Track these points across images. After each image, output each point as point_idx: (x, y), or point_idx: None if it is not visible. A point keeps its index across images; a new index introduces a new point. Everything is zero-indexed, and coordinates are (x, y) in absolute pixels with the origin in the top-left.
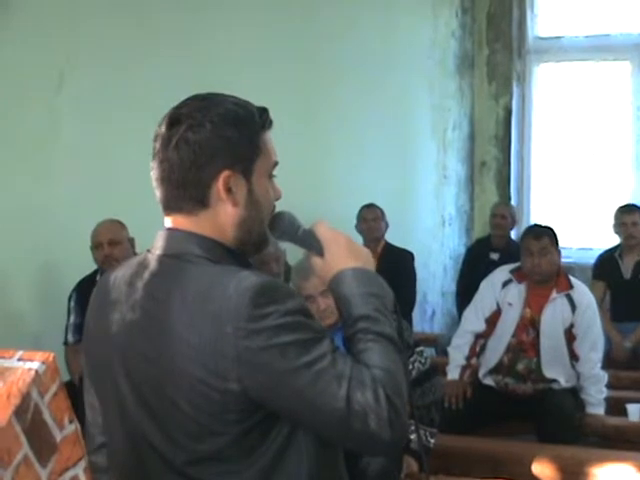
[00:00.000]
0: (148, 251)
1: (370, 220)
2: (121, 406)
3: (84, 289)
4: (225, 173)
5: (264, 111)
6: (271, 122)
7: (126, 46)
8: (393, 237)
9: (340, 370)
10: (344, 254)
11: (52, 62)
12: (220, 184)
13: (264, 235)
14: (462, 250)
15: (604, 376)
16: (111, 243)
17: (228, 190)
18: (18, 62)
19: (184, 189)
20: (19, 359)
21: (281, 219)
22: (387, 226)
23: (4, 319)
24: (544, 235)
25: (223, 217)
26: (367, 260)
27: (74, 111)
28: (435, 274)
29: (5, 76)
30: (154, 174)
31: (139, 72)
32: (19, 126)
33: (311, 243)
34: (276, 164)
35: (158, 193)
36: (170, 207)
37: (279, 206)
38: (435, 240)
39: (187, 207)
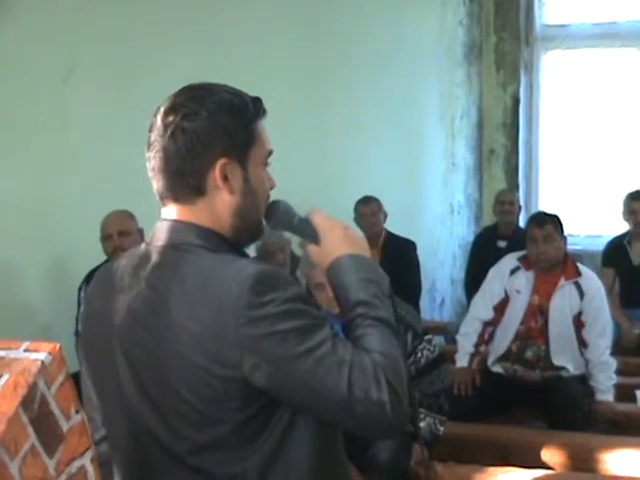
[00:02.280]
0: (148, 243)
1: (368, 215)
2: (122, 397)
3: None
4: (221, 161)
5: (258, 100)
6: (265, 111)
7: (135, 38)
8: (402, 225)
9: (341, 356)
10: (340, 241)
11: (61, 54)
12: (217, 172)
13: (260, 223)
14: (471, 238)
15: (613, 363)
16: (120, 234)
17: (224, 178)
18: (26, 53)
19: (181, 177)
20: (25, 350)
21: (276, 208)
22: (386, 215)
23: (16, 310)
24: (548, 222)
25: (220, 205)
26: (363, 247)
27: (83, 103)
28: (444, 262)
29: (14, 67)
30: (150, 164)
31: (147, 64)
32: (28, 119)
33: (307, 231)
34: (271, 152)
35: (155, 183)
36: (167, 196)
37: (286, 196)
38: (444, 228)
39: (184, 196)
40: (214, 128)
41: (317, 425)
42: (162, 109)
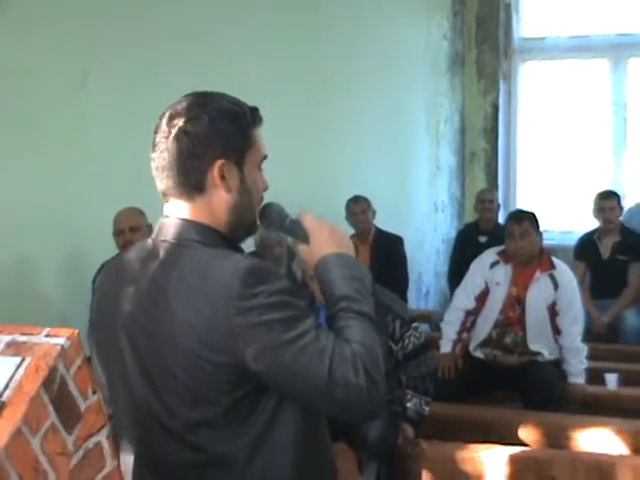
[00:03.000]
0: (152, 238)
1: (359, 213)
2: (126, 378)
3: None
4: (220, 162)
5: (255, 110)
6: (261, 119)
7: (145, 46)
8: (391, 222)
9: (323, 345)
10: (327, 241)
11: (76, 61)
12: (215, 171)
13: (254, 220)
14: (454, 234)
15: (584, 348)
16: (132, 229)
17: (222, 177)
18: (43, 61)
19: (183, 176)
20: (46, 335)
21: (270, 210)
22: (375, 213)
23: (35, 299)
24: (525, 219)
25: (217, 202)
26: (348, 247)
27: (97, 108)
28: (429, 256)
29: (32, 75)
30: (155, 163)
31: (156, 71)
32: (46, 123)
33: (297, 232)
34: (265, 157)
35: (158, 181)
36: (170, 193)
37: (286, 196)
38: (429, 225)
39: (185, 193)
40: (214, 132)
41: (302, 410)
42: (167, 114)
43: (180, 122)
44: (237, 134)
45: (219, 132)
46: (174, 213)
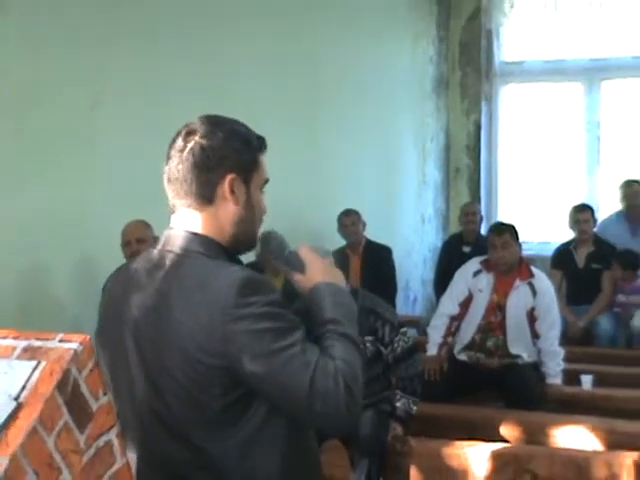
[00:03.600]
0: (158, 248)
1: (349, 225)
2: (130, 379)
3: None
4: (231, 176)
5: (261, 138)
6: (266, 147)
7: (153, 71)
8: (380, 233)
9: (308, 358)
10: (320, 272)
11: (88, 85)
12: (226, 185)
13: (254, 235)
14: (440, 244)
15: (561, 351)
16: (138, 241)
17: (232, 191)
18: (58, 84)
19: (195, 187)
20: (60, 340)
21: (271, 239)
22: (365, 225)
23: (49, 306)
24: (505, 231)
25: (224, 214)
26: (338, 278)
27: (108, 128)
28: (416, 265)
29: (47, 98)
30: (167, 175)
31: (164, 94)
32: (61, 141)
33: (295, 262)
34: (267, 181)
35: (170, 192)
36: (180, 204)
37: (289, 210)
38: (416, 236)
39: (195, 203)
40: (227, 148)
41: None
42: (184, 131)
43: (196, 137)
44: (247, 154)
45: (231, 149)
46: (180, 225)
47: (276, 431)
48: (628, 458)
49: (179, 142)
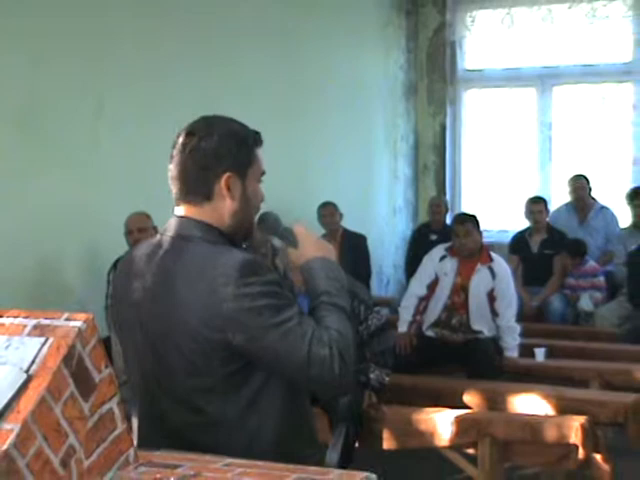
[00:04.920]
0: (162, 234)
1: (327, 216)
2: (137, 351)
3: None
4: (227, 175)
5: (257, 133)
6: (262, 141)
7: (153, 79)
8: (356, 223)
9: (304, 330)
10: (313, 247)
11: (93, 94)
12: (222, 183)
13: (251, 226)
14: (409, 233)
15: (517, 327)
16: (139, 230)
17: (228, 188)
18: (64, 94)
19: (194, 185)
20: (66, 319)
21: (268, 218)
22: (342, 216)
23: (59, 289)
24: (467, 221)
25: (222, 208)
26: (330, 253)
27: (111, 131)
28: (388, 251)
29: (54, 105)
30: (171, 174)
31: (163, 101)
32: (69, 143)
33: (289, 238)
34: (264, 173)
35: (174, 188)
36: (182, 199)
37: (278, 201)
38: (388, 225)
39: (195, 199)
40: (223, 149)
41: (287, 383)
42: (183, 132)
43: (194, 139)
44: (242, 152)
45: (226, 149)
46: (182, 214)
47: (274, 395)
48: (576, 421)
49: (180, 143)
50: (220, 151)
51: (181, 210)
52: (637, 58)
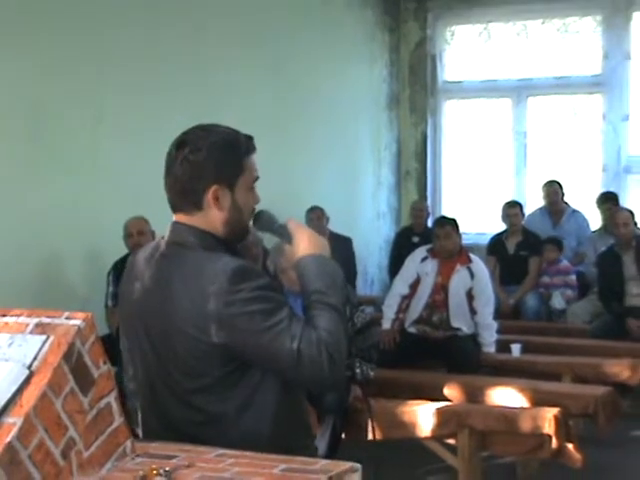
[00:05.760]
0: (162, 238)
1: (315, 219)
2: (141, 351)
3: (119, 267)
4: (214, 187)
5: (250, 138)
6: (254, 148)
7: (150, 91)
8: (342, 226)
9: (294, 331)
10: (307, 243)
11: (93, 105)
12: (210, 195)
13: (245, 230)
14: (393, 235)
15: (494, 324)
16: (139, 233)
17: (216, 199)
18: (66, 104)
19: (185, 195)
20: (66, 318)
21: (262, 215)
22: (328, 219)
23: (61, 289)
24: (447, 224)
25: (212, 218)
26: (324, 248)
27: (111, 140)
28: (373, 253)
29: (56, 115)
30: (165, 184)
31: (159, 111)
32: (71, 152)
33: (283, 234)
34: (257, 178)
35: (168, 197)
36: (175, 208)
37: (267, 206)
38: (373, 228)
39: (187, 208)
40: (210, 162)
41: (282, 382)
42: (176, 143)
43: (185, 151)
44: (229, 164)
45: (215, 162)
46: (178, 220)
47: (270, 390)
48: (549, 413)
49: (172, 155)
50: (208, 164)
51: (176, 217)
52: (606, 71)
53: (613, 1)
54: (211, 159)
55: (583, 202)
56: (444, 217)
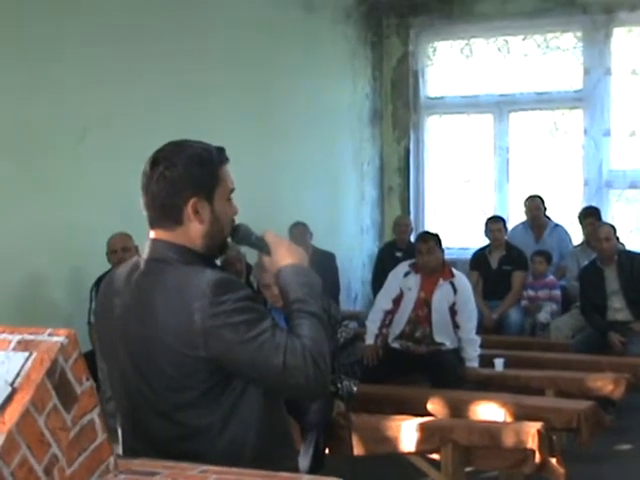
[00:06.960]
0: (139, 256)
1: (298, 235)
2: (121, 369)
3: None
4: (193, 200)
5: (221, 150)
6: (227, 159)
7: (132, 108)
8: (326, 241)
9: (278, 341)
10: (286, 254)
11: (77, 124)
12: (189, 208)
13: (224, 242)
14: (376, 250)
15: (478, 339)
16: (123, 249)
17: (196, 212)
18: (50, 122)
19: (164, 211)
20: (49, 334)
21: (239, 229)
22: (312, 235)
23: (45, 306)
24: (430, 239)
25: (193, 231)
26: (302, 258)
27: (93, 157)
28: (356, 268)
29: (40, 133)
30: (142, 201)
31: (142, 126)
32: (53, 169)
33: (262, 246)
34: (232, 190)
35: (146, 214)
36: (154, 224)
37: (250, 222)
38: (356, 243)
39: (166, 224)
40: (186, 177)
41: (264, 392)
42: (150, 160)
43: (160, 168)
44: (205, 176)
45: (191, 176)
46: (157, 237)
47: (253, 401)
48: (533, 427)
49: (148, 172)
50: (184, 178)
51: (155, 234)
52: (587, 86)
53: (593, 17)
54: (188, 173)
55: (565, 217)
56: (427, 232)
